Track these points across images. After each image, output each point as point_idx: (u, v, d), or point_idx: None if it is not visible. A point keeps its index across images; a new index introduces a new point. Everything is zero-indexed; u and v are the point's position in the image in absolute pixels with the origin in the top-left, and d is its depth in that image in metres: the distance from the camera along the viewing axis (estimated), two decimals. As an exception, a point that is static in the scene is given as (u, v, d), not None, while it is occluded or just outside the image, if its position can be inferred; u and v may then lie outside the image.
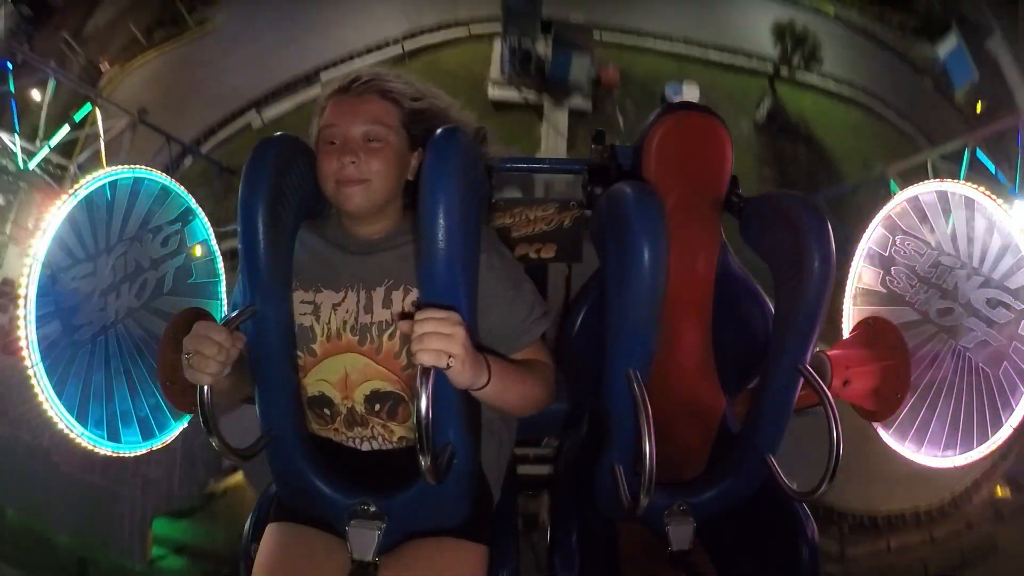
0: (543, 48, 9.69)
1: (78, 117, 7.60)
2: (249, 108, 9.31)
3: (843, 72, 11.80)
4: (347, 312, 1.08)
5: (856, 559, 6.86)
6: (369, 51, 10.03)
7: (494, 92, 9.61)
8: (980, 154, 6.90)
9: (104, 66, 10.00)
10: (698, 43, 11.17)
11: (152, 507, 5.43)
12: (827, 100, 11.47)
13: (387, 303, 1.07)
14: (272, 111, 9.39)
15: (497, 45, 10.00)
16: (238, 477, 5.67)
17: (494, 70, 9.85)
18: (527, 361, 1.09)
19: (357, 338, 1.07)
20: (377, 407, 1.09)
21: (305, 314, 1.09)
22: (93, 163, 7.51)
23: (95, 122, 7.52)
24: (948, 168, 7.37)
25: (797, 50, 11.89)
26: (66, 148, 7.76)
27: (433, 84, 1.17)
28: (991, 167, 6.91)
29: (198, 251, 1.48)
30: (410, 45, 10.20)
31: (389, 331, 1.07)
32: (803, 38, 11.93)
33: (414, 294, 1.06)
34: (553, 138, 9.33)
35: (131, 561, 5.26)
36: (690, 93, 9.57)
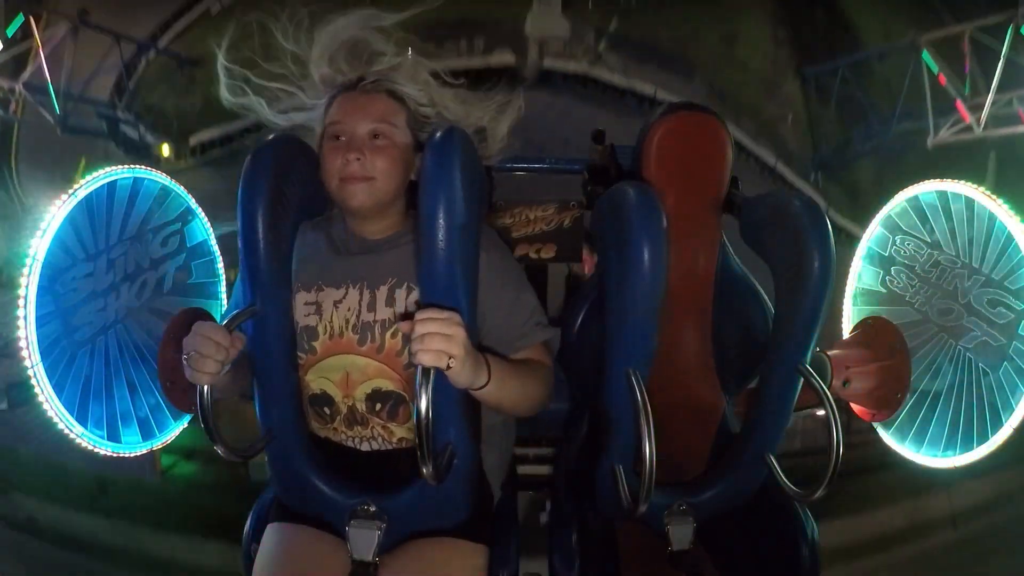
0: None
1: (11, 32, 7.05)
2: None
3: None
4: (349, 310, 1.08)
5: None
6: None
7: None
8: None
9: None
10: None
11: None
12: None
13: (390, 301, 1.07)
14: None
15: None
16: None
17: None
18: (526, 361, 1.08)
19: (358, 337, 1.07)
20: (378, 406, 1.09)
21: (309, 315, 1.09)
22: (39, 79, 6.93)
23: (32, 34, 6.99)
24: (988, 42, 6.82)
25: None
26: (11, 69, 7.19)
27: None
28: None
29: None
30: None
31: (392, 329, 1.06)
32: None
33: (417, 292, 1.06)
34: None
35: (144, 476, 4.98)
36: None
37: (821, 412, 1.08)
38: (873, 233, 1.53)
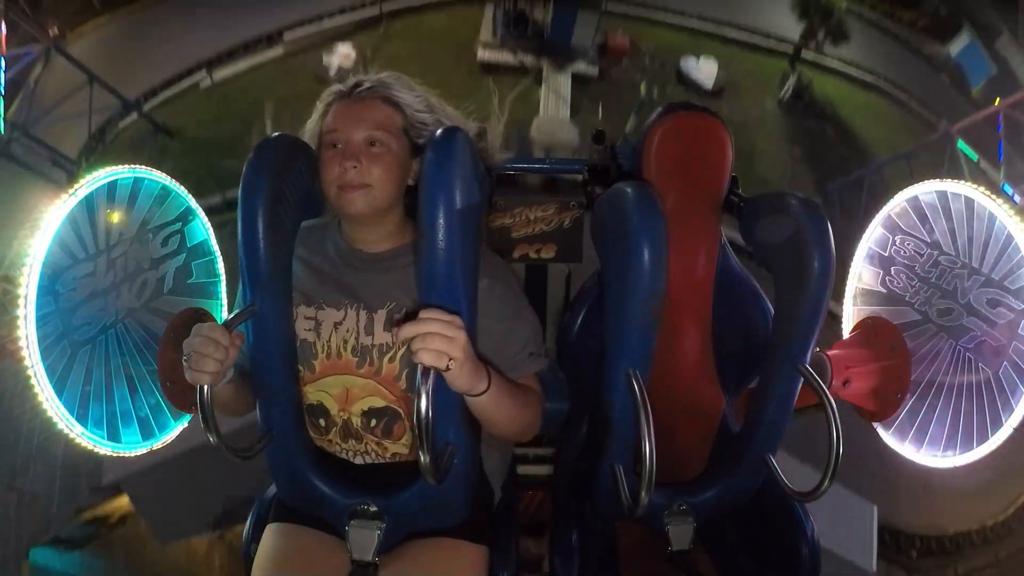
0: (540, 13, 8.61)
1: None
2: (199, 68, 7.93)
3: (863, 61, 10.88)
4: (348, 331, 1.08)
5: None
6: (342, 11, 8.83)
7: (484, 54, 8.42)
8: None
9: (52, 31, 8.06)
10: (713, 20, 10.31)
11: (28, 533, 4.12)
12: (850, 86, 10.46)
13: (388, 326, 1.07)
14: (225, 71, 8.06)
15: (488, 9, 8.87)
16: (124, 501, 4.33)
17: (485, 32, 8.67)
18: (521, 385, 1.08)
19: (356, 359, 1.08)
20: (373, 423, 1.10)
21: (308, 330, 1.09)
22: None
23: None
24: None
25: (823, 25, 10.94)
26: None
27: (414, 47, 1.15)
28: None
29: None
30: (389, 6, 8.97)
31: (389, 354, 1.07)
32: (829, 12, 10.98)
33: None
34: (554, 103, 8.27)
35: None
36: (708, 69, 8.75)
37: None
38: (873, 233, 1.53)
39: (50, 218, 1.17)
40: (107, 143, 7.17)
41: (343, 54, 7.68)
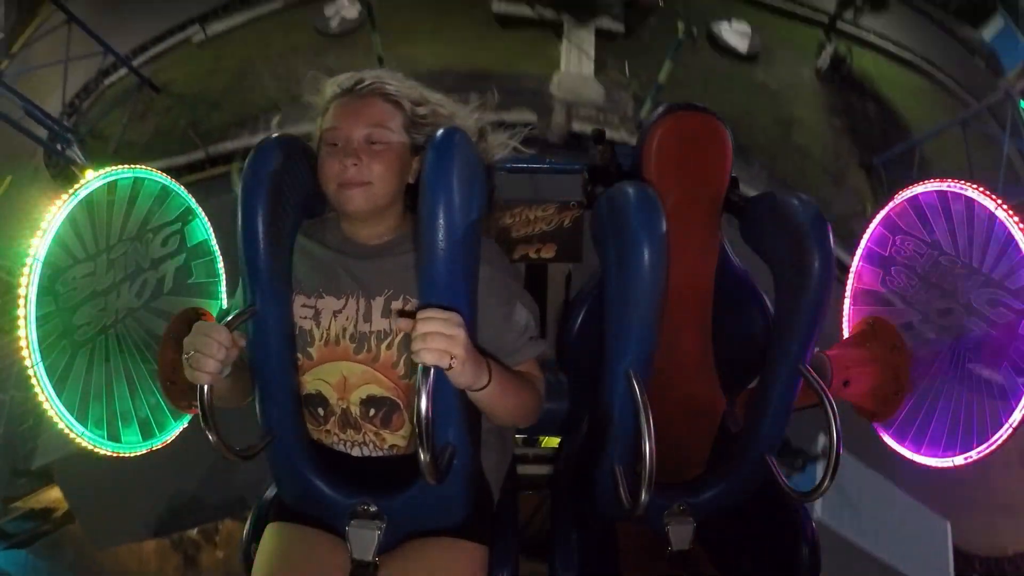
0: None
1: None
2: (193, 23, 7.32)
3: (900, 39, 10.01)
4: (347, 319, 1.08)
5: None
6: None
7: (500, 6, 7.60)
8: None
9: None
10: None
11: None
12: (888, 62, 9.71)
13: (386, 313, 1.07)
14: (219, 26, 7.32)
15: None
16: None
17: (500, -18, 8.09)
18: (522, 372, 1.09)
19: (354, 346, 1.08)
20: (372, 412, 1.09)
21: (305, 318, 1.09)
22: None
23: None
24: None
25: (861, -9, 10.28)
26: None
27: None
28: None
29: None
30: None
31: (387, 341, 1.07)
32: (866, -22, 10.20)
33: (413, 304, 1.06)
34: (576, 58, 7.56)
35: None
36: (740, 32, 8.59)
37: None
38: (873, 233, 1.53)
39: (50, 218, 1.17)
40: (92, 98, 6.55)
41: (345, 5, 7.33)
